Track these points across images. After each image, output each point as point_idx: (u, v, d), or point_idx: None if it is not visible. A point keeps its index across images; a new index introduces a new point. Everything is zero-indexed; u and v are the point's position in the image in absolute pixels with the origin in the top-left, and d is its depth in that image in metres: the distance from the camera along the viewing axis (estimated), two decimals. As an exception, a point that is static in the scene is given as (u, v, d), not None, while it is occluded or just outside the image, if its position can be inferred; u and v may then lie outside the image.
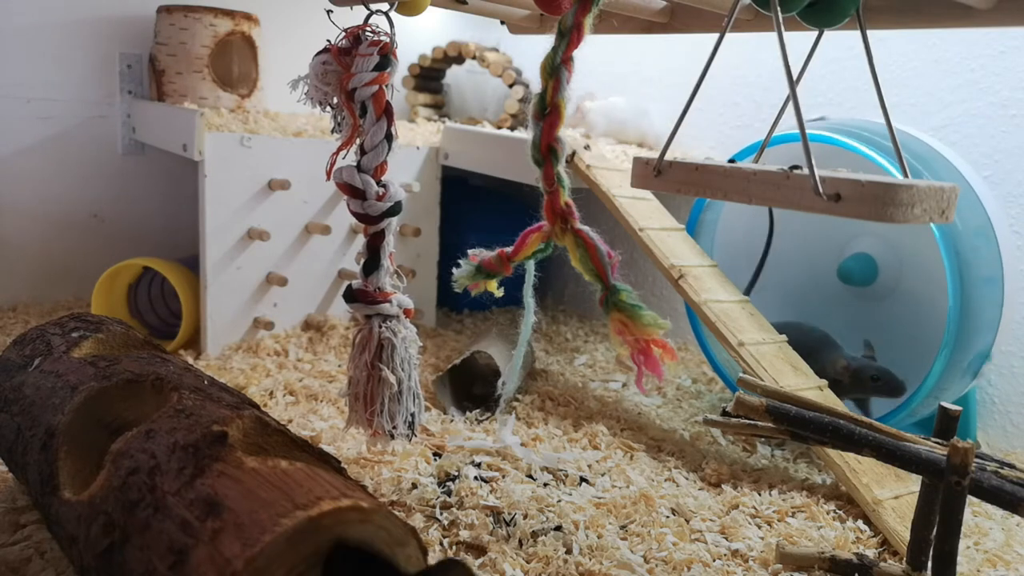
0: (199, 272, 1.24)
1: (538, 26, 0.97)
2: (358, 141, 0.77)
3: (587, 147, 1.22)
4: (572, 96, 0.73)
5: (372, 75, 0.74)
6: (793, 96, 0.57)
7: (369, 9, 0.77)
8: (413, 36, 1.76)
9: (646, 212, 1.16)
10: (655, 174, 0.65)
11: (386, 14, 0.77)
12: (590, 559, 0.74)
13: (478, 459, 0.93)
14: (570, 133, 1.42)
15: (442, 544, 0.75)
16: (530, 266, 0.82)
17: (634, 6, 0.85)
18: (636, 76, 1.64)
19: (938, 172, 1.01)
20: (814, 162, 0.54)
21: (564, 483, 0.90)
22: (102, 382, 0.69)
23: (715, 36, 0.63)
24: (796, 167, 0.57)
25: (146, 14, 1.48)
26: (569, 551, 0.75)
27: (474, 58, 1.65)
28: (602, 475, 0.93)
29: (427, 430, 1.01)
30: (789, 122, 0.97)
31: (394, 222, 0.79)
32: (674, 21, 0.89)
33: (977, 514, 0.91)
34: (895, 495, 0.87)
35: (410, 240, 1.45)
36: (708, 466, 0.97)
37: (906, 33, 1.22)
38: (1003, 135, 1.16)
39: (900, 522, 0.83)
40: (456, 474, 0.89)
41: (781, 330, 1.08)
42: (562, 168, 0.75)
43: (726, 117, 1.49)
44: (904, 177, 0.61)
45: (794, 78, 0.57)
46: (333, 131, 0.80)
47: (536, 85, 1.13)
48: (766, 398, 0.72)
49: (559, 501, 0.84)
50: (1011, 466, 0.68)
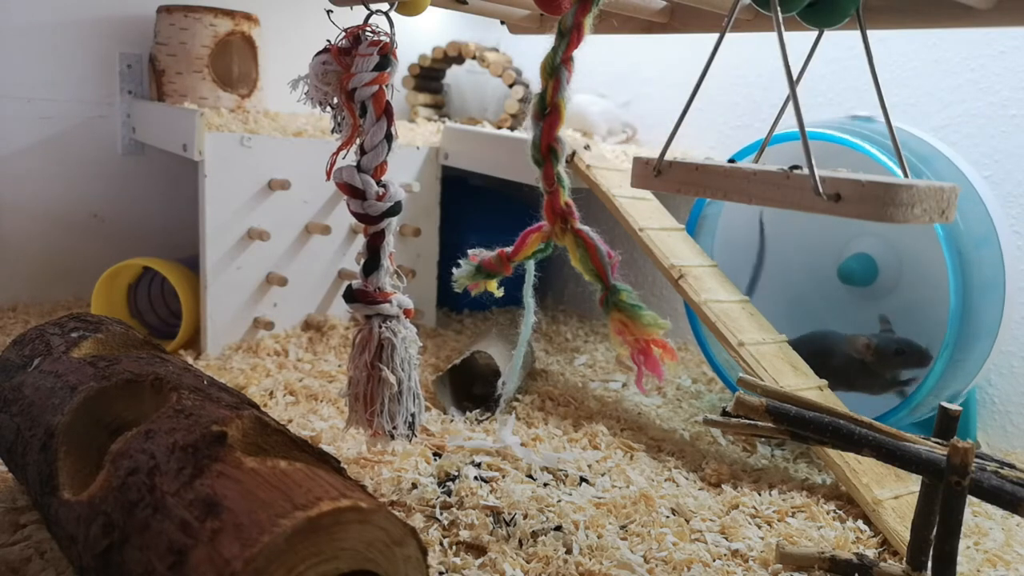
0: (199, 272, 1.24)
1: (538, 26, 0.97)
2: (358, 141, 0.77)
3: (587, 147, 1.22)
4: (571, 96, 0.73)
5: (372, 75, 0.74)
6: (793, 96, 0.57)
7: (369, 9, 0.77)
8: (413, 36, 1.76)
9: (646, 212, 1.16)
10: (655, 174, 0.65)
11: (386, 14, 0.77)
12: (590, 559, 0.74)
13: (478, 459, 0.93)
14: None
15: (442, 544, 0.75)
16: (530, 266, 0.82)
17: (634, 6, 0.85)
18: (636, 76, 1.64)
19: (939, 171, 1.01)
20: (814, 162, 0.54)
21: (564, 483, 0.90)
22: (101, 382, 0.69)
23: (715, 36, 0.63)
24: (796, 167, 0.56)
25: (146, 14, 1.48)
26: (569, 551, 0.75)
27: (474, 58, 1.65)
28: (602, 475, 0.93)
29: (427, 430, 1.01)
30: (789, 122, 0.96)
31: (394, 222, 0.79)
32: (674, 21, 0.89)
33: (977, 514, 0.91)
34: (895, 495, 0.87)
35: (410, 240, 1.45)
36: (708, 466, 0.97)
37: (906, 33, 1.22)
38: (1003, 135, 1.16)
39: (900, 522, 0.83)
40: (456, 474, 0.89)
41: (800, 344, 1.08)
42: (562, 168, 0.75)
43: (726, 117, 1.49)
44: (904, 177, 0.61)
45: (794, 78, 0.57)
46: (333, 131, 0.80)
47: (536, 85, 1.13)
48: (766, 398, 0.72)
49: (559, 501, 0.84)
50: (1011, 466, 0.68)
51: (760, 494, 0.90)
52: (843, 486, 0.90)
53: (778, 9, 0.58)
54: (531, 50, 1.75)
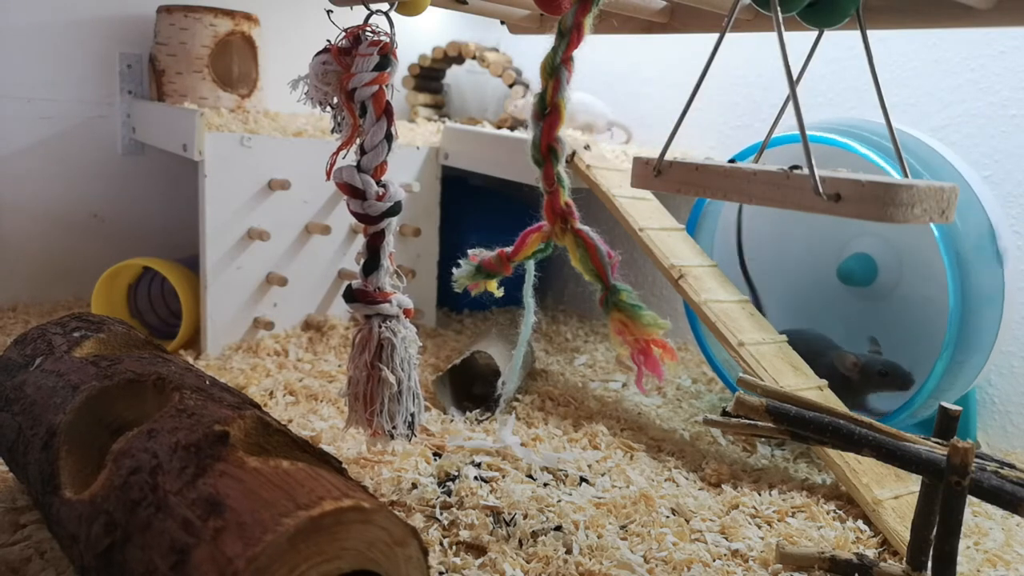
0: (199, 272, 1.24)
1: (538, 26, 0.97)
2: (358, 141, 0.77)
3: (587, 147, 1.22)
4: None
5: (372, 75, 0.74)
6: (793, 96, 0.57)
7: (369, 9, 0.77)
8: (413, 36, 1.76)
9: (646, 212, 1.16)
10: (655, 174, 0.65)
11: (386, 14, 0.77)
12: (590, 559, 0.74)
13: (478, 459, 0.93)
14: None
15: (442, 544, 0.75)
16: (530, 266, 0.82)
17: (634, 6, 0.85)
18: (636, 76, 1.64)
19: (938, 172, 1.01)
20: (814, 162, 0.54)
21: (564, 483, 0.90)
22: (104, 382, 0.69)
23: (715, 36, 0.63)
24: (796, 167, 0.57)
25: (146, 14, 1.48)
26: (569, 551, 0.75)
27: (474, 58, 1.65)
28: (602, 475, 0.93)
29: (427, 430, 1.01)
30: (789, 122, 0.97)
31: (394, 222, 0.79)
32: (674, 21, 0.89)
33: (977, 514, 0.91)
34: (895, 495, 0.87)
35: (410, 240, 1.45)
36: (708, 466, 0.97)
37: (906, 33, 1.22)
38: (1003, 135, 1.16)
39: (900, 522, 0.83)
40: (456, 474, 0.89)
41: (791, 337, 1.08)
42: (562, 168, 0.75)
43: (726, 117, 1.49)
44: (904, 177, 0.61)
45: (794, 78, 0.57)
46: (333, 131, 0.80)
47: (536, 85, 1.13)
48: (766, 398, 0.72)
49: (559, 501, 0.84)
50: (1011, 466, 0.68)
51: (760, 494, 0.90)
52: (843, 486, 0.90)
53: (778, 9, 0.58)
54: (531, 50, 1.76)
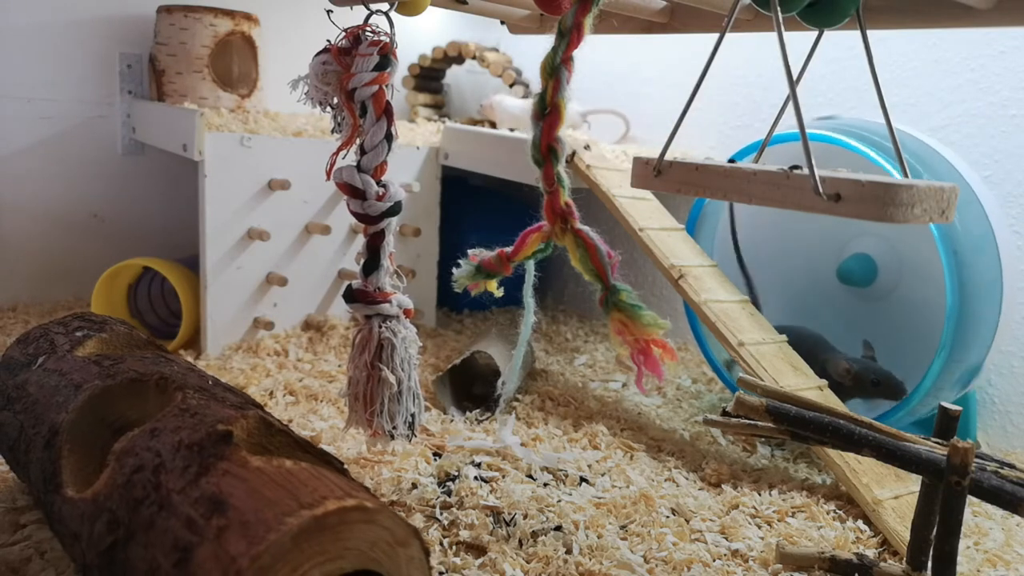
0: (199, 272, 1.24)
1: (538, 26, 0.97)
2: (358, 141, 0.77)
3: (587, 147, 1.22)
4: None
5: (372, 75, 0.74)
6: (793, 96, 0.57)
7: (369, 9, 0.77)
8: (413, 36, 1.76)
9: (646, 212, 1.16)
10: (655, 174, 0.65)
11: (386, 14, 0.77)
12: (590, 559, 0.74)
13: (478, 459, 0.93)
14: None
15: (442, 544, 0.76)
16: (530, 266, 0.82)
17: (634, 6, 0.85)
18: (635, 76, 1.64)
19: (938, 172, 1.01)
20: (814, 162, 0.54)
21: (564, 483, 0.90)
22: (106, 381, 0.69)
23: (715, 36, 0.63)
24: (796, 167, 0.57)
25: (146, 14, 1.48)
26: (569, 551, 0.75)
27: (474, 58, 1.65)
28: (602, 475, 0.93)
29: (427, 430, 1.01)
30: (789, 122, 0.97)
31: (394, 222, 0.79)
32: (674, 21, 0.89)
33: (977, 514, 0.91)
34: (895, 495, 0.87)
35: (410, 240, 1.45)
36: (708, 466, 0.97)
37: (906, 33, 1.23)
38: (1003, 135, 1.16)
39: (900, 522, 0.83)
40: (456, 474, 0.89)
41: (787, 334, 1.08)
42: (562, 168, 0.75)
43: (726, 117, 1.49)
44: (904, 177, 0.62)
45: (794, 78, 0.57)
46: (333, 131, 0.80)
47: (536, 85, 1.13)
48: (766, 398, 0.72)
49: (559, 501, 0.84)
50: (1011, 466, 0.68)
51: (760, 494, 0.91)
52: (843, 486, 0.91)
53: (778, 9, 0.58)
54: (531, 50, 1.76)
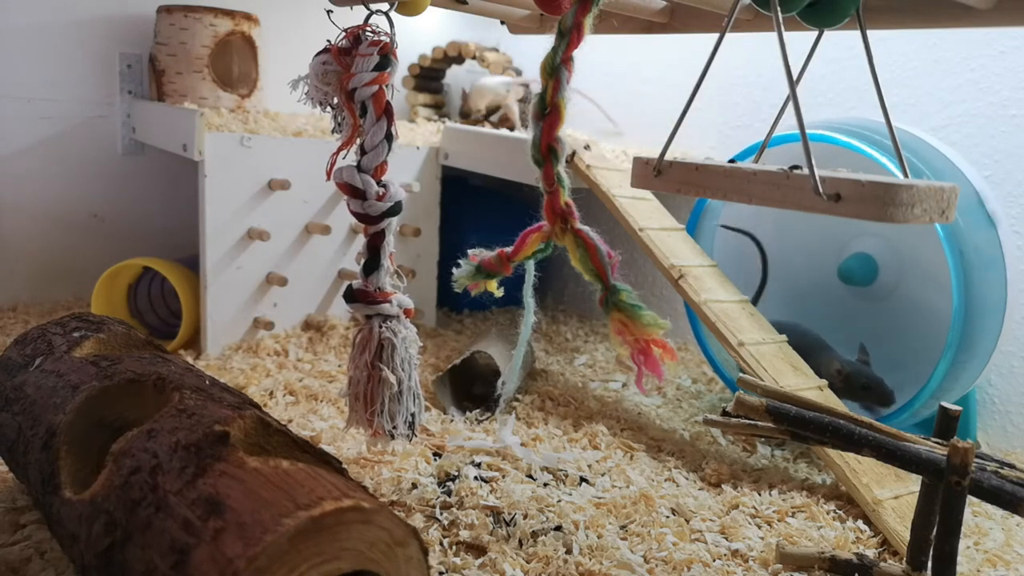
0: (199, 272, 1.24)
1: (538, 26, 0.97)
2: (358, 141, 0.77)
3: (587, 147, 1.22)
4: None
5: (372, 75, 0.74)
6: (793, 96, 0.57)
7: (369, 9, 0.77)
8: (413, 36, 1.76)
9: (646, 212, 1.16)
10: (655, 174, 0.65)
11: (386, 14, 0.77)
12: (590, 559, 0.74)
13: (478, 459, 0.93)
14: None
15: (442, 544, 0.75)
16: (530, 266, 0.82)
17: (634, 6, 0.85)
18: (635, 76, 1.64)
19: (939, 171, 1.01)
20: (814, 162, 0.54)
21: (564, 483, 0.90)
22: (104, 382, 0.69)
23: (715, 36, 0.63)
24: (796, 167, 0.57)
25: (146, 14, 1.48)
26: (569, 551, 0.75)
27: (474, 58, 1.65)
28: (602, 475, 0.93)
29: (427, 430, 1.01)
30: (789, 122, 0.97)
31: (394, 222, 0.79)
32: (674, 21, 0.89)
33: (977, 514, 0.91)
34: (895, 495, 0.87)
35: (410, 240, 1.45)
36: (708, 466, 0.97)
37: (906, 33, 1.22)
38: (1003, 135, 1.16)
39: (900, 522, 0.83)
40: (456, 474, 0.89)
41: (783, 331, 1.08)
42: (562, 168, 0.75)
43: (726, 117, 1.49)
44: (904, 177, 0.61)
45: (794, 78, 0.57)
46: (333, 131, 0.80)
47: (536, 85, 1.13)
48: (766, 398, 0.72)
49: (559, 501, 0.84)
50: (1011, 466, 0.68)
51: (760, 494, 0.90)
52: (843, 486, 0.90)
53: (778, 9, 0.58)
54: (531, 50, 1.76)
